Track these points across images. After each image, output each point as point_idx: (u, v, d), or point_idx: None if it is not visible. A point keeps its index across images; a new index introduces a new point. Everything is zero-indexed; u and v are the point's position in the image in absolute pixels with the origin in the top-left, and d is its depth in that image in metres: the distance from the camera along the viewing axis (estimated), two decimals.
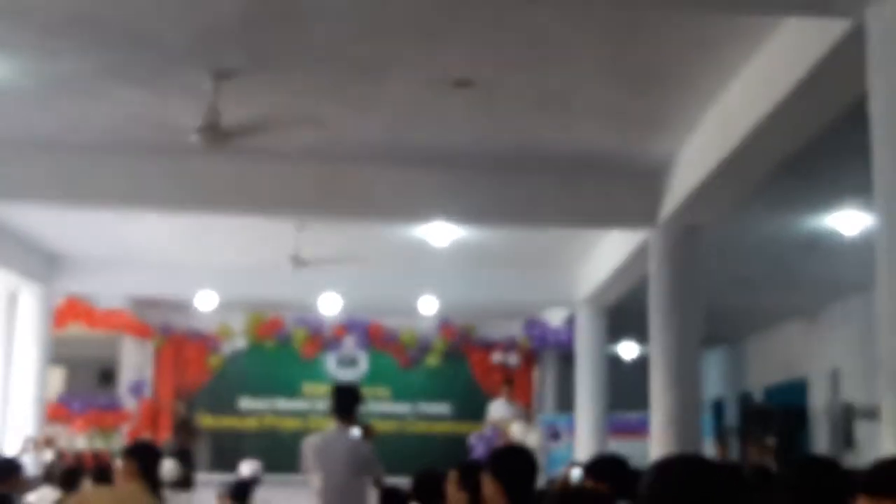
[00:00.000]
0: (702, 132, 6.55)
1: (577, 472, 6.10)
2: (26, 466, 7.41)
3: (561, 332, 13.00)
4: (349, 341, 13.89)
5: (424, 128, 6.86)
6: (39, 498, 6.91)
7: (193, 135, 6.10)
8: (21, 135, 7.18)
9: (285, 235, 9.59)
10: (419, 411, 14.07)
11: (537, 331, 13.42)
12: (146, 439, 9.92)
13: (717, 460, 9.07)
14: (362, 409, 6.92)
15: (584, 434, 10.97)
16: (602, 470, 4.48)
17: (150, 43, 5.43)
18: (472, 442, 11.89)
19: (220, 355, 13.79)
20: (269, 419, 13.81)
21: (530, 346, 13.67)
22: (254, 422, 13.80)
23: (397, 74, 5.88)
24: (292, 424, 13.45)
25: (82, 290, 11.68)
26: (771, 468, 8.93)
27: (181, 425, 12.63)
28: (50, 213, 9.15)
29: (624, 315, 10.69)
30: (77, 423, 12.64)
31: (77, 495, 5.09)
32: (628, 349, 15.74)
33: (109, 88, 6.15)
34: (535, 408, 13.87)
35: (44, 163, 7.49)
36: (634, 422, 11.75)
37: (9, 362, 10.84)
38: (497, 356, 13.86)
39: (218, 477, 10.39)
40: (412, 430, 13.93)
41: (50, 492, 6.99)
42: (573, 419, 11.43)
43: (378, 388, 13.74)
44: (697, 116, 6.37)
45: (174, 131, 6.57)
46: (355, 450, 6.34)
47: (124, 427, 13.06)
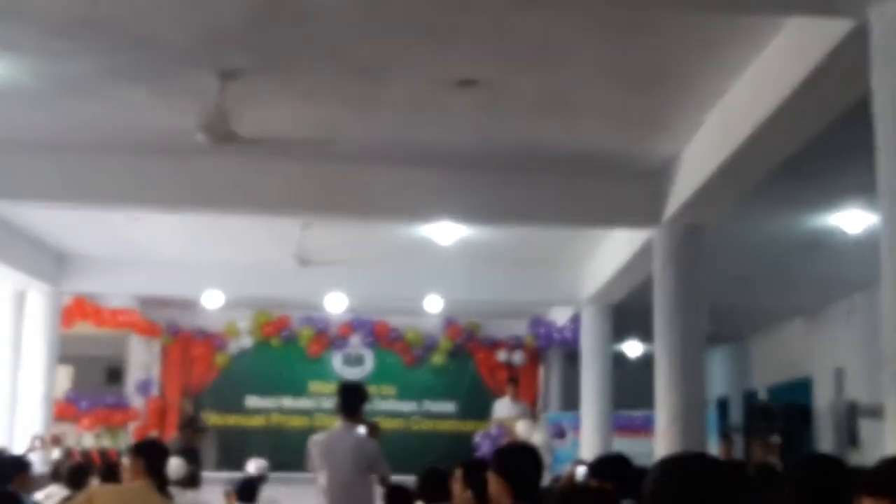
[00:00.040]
0: (705, 132, 6.56)
1: (581, 469, 6.12)
2: (34, 465, 7.43)
3: (566, 331, 13.00)
4: (355, 340, 13.92)
5: (428, 128, 6.88)
6: (47, 496, 6.93)
7: (199, 135, 6.13)
8: (28, 135, 7.22)
9: (291, 235, 9.61)
10: (424, 410, 14.09)
11: (542, 329, 13.41)
12: (153, 437, 9.95)
13: (721, 458, 9.07)
14: (368, 407, 6.95)
15: (589, 432, 10.96)
16: (606, 469, 4.51)
17: (155, 44, 5.46)
18: (478, 440, 11.90)
19: (227, 354, 13.82)
20: (276, 417, 13.84)
21: (535, 344, 13.66)
22: (260, 420, 13.84)
23: (401, 75, 5.90)
24: (298, 423, 13.47)
25: (90, 289, 11.71)
26: (775, 466, 8.94)
27: (186, 423, 12.66)
28: (57, 212, 9.19)
29: (629, 314, 10.68)
30: (84, 422, 12.67)
31: (84, 493, 5.10)
32: (633, 348, 15.74)
33: (116, 89, 6.19)
34: (541, 406, 13.86)
35: (51, 163, 7.53)
36: (639, 420, 11.76)
37: (17, 361, 10.89)
38: (502, 355, 13.87)
39: (225, 475, 10.44)
40: (417, 428, 13.95)
41: (58, 490, 7.00)
42: (578, 417, 11.43)
43: (384, 386, 13.76)
44: (700, 116, 6.38)
45: (180, 132, 6.60)
46: (361, 448, 6.36)
47: (131, 425, 13.11)
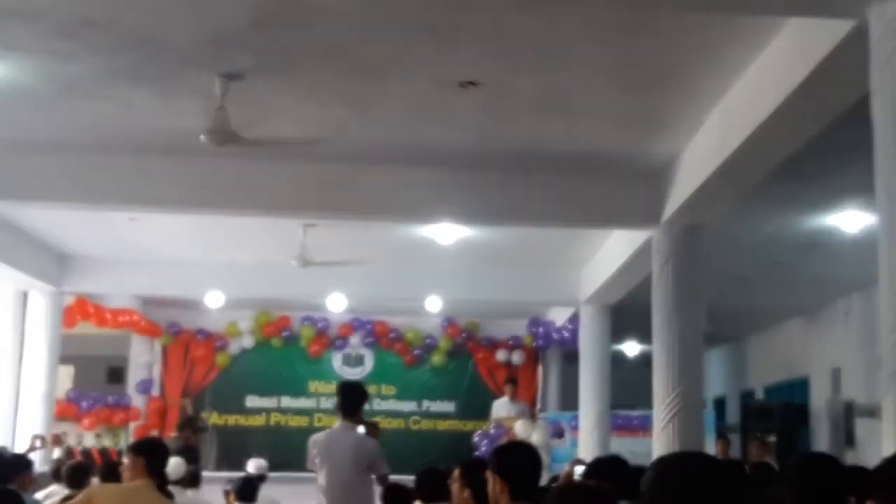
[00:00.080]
0: (705, 132, 6.58)
1: (580, 469, 6.14)
2: (35, 464, 7.45)
3: (565, 331, 13.04)
4: (355, 340, 13.95)
5: (429, 128, 6.91)
6: (48, 495, 6.94)
7: (203, 135, 6.17)
8: (30, 136, 7.24)
9: (292, 235, 9.64)
10: (424, 409, 14.12)
11: (541, 329, 13.45)
12: (153, 436, 9.97)
13: (718, 458, 9.11)
14: (368, 407, 6.99)
15: (587, 432, 10.99)
16: (603, 470, 4.53)
17: (157, 45, 5.49)
18: (477, 440, 11.93)
19: (228, 354, 13.84)
20: (276, 417, 13.87)
21: (534, 344, 13.70)
22: (260, 420, 13.87)
23: (402, 75, 5.93)
24: (298, 422, 13.51)
25: (91, 289, 11.74)
26: (772, 466, 8.99)
27: (186, 423, 12.68)
28: (60, 213, 9.21)
29: (627, 314, 10.71)
30: (85, 422, 12.71)
31: (84, 492, 5.11)
32: (631, 348, 15.79)
33: (118, 90, 6.21)
34: (539, 406, 13.90)
35: (53, 164, 7.55)
36: (637, 419, 11.81)
37: (19, 361, 10.92)
38: (501, 355, 13.90)
39: (225, 475, 10.46)
40: (417, 428, 13.98)
41: (59, 489, 7.01)
42: (577, 417, 11.46)
43: (383, 386, 13.80)
44: (700, 117, 6.41)
45: (183, 133, 6.63)
46: (361, 447, 6.38)
47: (132, 425, 13.14)
